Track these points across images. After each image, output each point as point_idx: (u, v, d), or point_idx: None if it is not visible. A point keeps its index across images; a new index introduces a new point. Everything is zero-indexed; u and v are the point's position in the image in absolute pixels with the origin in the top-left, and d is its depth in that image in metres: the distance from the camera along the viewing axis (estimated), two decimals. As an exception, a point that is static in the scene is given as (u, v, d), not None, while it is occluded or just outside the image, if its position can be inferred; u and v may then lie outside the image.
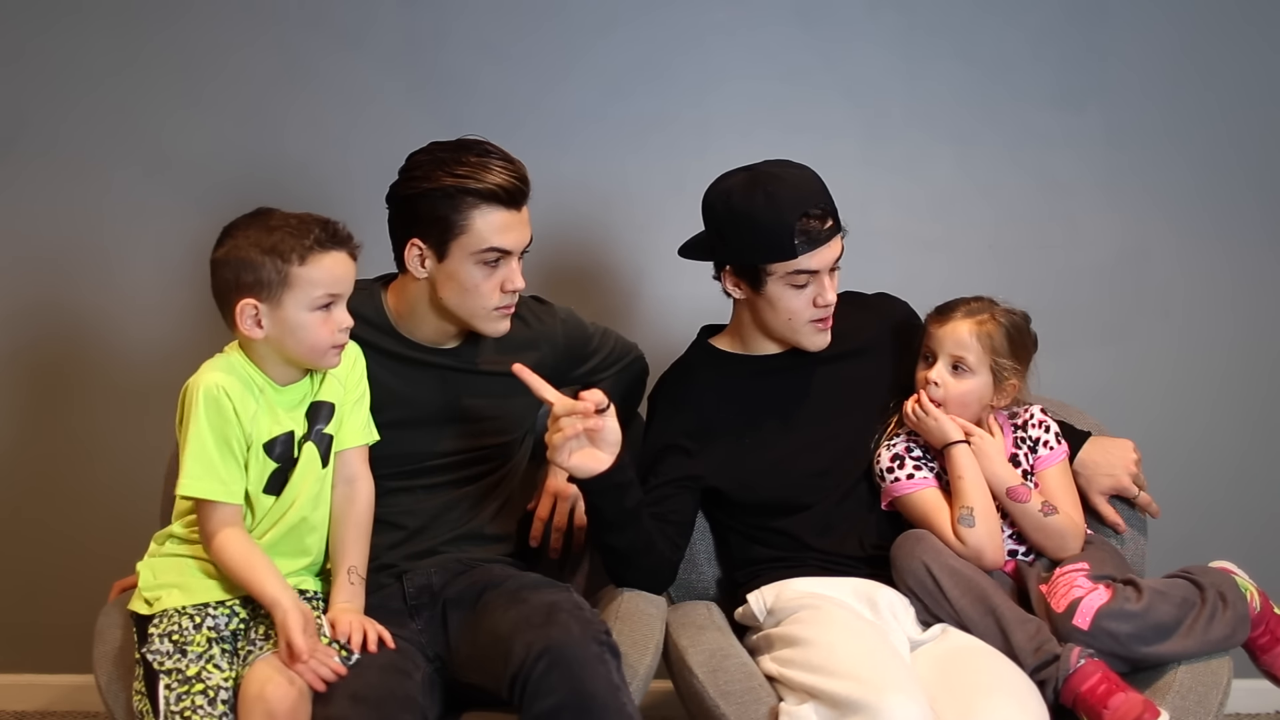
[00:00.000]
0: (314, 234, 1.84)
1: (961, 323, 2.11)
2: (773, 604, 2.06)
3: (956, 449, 2.08)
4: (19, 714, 2.88)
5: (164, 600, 1.87)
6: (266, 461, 1.88)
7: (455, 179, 1.95)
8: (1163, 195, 2.77)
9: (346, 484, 1.98)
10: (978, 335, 2.10)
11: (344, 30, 2.71)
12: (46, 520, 2.84)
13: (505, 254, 1.99)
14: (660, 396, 2.24)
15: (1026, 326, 2.15)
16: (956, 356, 2.11)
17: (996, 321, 2.11)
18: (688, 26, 2.72)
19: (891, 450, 2.15)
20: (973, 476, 2.07)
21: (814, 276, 2.10)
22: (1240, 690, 2.15)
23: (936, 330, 2.13)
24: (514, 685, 1.78)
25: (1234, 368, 2.82)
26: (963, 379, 2.10)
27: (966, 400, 2.11)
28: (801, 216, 2.06)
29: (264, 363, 1.90)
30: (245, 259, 1.82)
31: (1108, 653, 1.89)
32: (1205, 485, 2.76)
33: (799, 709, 1.83)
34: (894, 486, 2.13)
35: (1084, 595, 1.94)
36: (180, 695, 1.77)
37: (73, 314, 2.78)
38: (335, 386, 1.96)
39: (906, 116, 2.75)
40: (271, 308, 1.83)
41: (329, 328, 1.86)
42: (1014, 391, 2.14)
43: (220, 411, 1.84)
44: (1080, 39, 2.74)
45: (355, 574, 1.94)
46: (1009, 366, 2.11)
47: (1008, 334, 2.11)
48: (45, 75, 2.72)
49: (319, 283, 1.84)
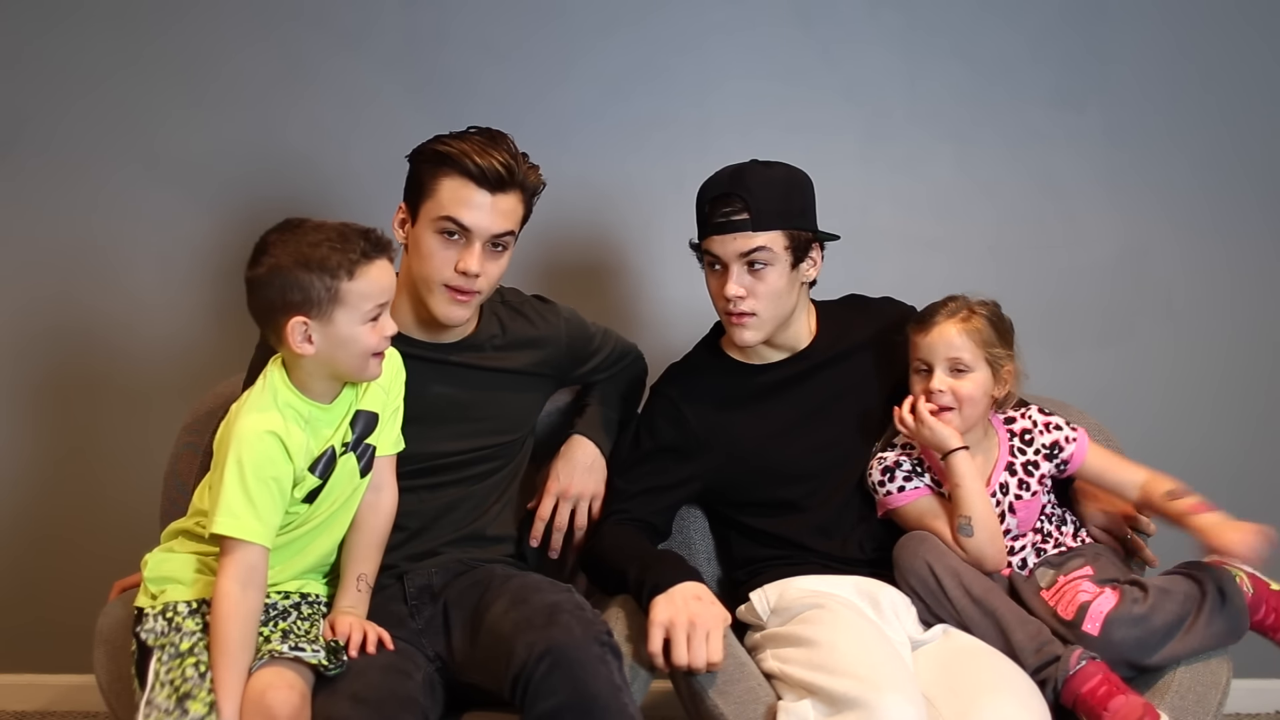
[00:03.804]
0: (360, 246, 1.78)
1: (947, 325, 2.09)
2: (776, 603, 2.06)
3: (956, 456, 2.05)
4: (19, 714, 2.88)
5: (167, 594, 1.86)
6: (310, 479, 1.86)
7: (441, 145, 2.00)
8: (1163, 194, 2.78)
9: (374, 492, 1.96)
10: (966, 332, 2.08)
11: (345, 30, 2.71)
12: (47, 520, 2.84)
13: (464, 231, 1.98)
14: (661, 394, 2.24)
15: (1001, 312, 2.14)
16: (952, 359, 2.08)
17: (978, 314, 2.10)
18: (687, 27, 2.72)
19: (882, 463, 2.14)
20: (971, 483, 2.05)
21: (723, 264, 2.10)
22: (1240, 690, 2.15)
23: (922, 340, 2.10)
24: (516, 686, 1.78)
25: (1234, 366, 2.82)
26: (965, 379, 2.08)
27: (976, 397, 2.08)
28: (713, 199, 2.08)
29: (309, 379, 1.85)
30: (291, 277, 1.76)
31: (1116, 659, 1.89)
32: (1206, 485, 2.73)
33: (797, 705, 1.83)
34: (888, 499, 2.12)
35: (1092, 600, 1.94)
36: (170, 667, 1.76)
37: (73, 314, 2.78)
38: (379, 394, 1.94)
39: (906, 116, 2.75)
40: (323, 324, 1.78)
41: (377, 336, 1.82)
42: (1010, 378, 2.12)
43: (272, 459, 1.79)
44: (1080, 39, 2.74)
45: (364, 582, 1.94)
46: (1001, 354, 2.10)
47: (991, 323, 2.10)
48: (45, 75, 2.72)
49: (369, 295, 1.79)
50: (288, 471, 1.81)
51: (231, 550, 1.78)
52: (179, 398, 2.56)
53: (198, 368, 2.71)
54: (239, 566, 1.77)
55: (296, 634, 1.84)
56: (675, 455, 2.17)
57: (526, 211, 2.05)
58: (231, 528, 1.77)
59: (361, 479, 1.93)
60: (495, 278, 2.04)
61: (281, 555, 1.89)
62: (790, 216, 2.10)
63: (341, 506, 1.92)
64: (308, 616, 1.90)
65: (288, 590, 1.92)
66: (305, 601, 1.92)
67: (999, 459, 2.13)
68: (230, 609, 1.76)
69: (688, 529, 2.26)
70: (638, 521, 2.14)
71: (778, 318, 2.14)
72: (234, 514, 1.77)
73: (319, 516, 1.90)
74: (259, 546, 1.79)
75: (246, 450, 1.78)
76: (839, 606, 1.99)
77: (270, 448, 1.79)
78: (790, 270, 2.10)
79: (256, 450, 1.79)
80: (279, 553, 1.88)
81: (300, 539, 1.91)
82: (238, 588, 1.76)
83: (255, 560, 1.79)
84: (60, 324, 2.79)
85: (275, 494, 1.80)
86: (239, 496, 1.77)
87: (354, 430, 1.90)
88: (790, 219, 2.10)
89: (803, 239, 2.11)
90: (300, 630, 1.85)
